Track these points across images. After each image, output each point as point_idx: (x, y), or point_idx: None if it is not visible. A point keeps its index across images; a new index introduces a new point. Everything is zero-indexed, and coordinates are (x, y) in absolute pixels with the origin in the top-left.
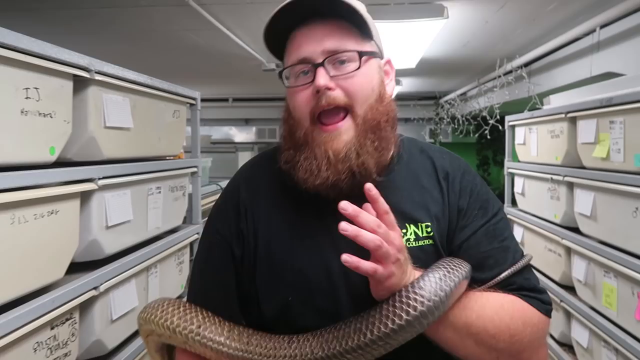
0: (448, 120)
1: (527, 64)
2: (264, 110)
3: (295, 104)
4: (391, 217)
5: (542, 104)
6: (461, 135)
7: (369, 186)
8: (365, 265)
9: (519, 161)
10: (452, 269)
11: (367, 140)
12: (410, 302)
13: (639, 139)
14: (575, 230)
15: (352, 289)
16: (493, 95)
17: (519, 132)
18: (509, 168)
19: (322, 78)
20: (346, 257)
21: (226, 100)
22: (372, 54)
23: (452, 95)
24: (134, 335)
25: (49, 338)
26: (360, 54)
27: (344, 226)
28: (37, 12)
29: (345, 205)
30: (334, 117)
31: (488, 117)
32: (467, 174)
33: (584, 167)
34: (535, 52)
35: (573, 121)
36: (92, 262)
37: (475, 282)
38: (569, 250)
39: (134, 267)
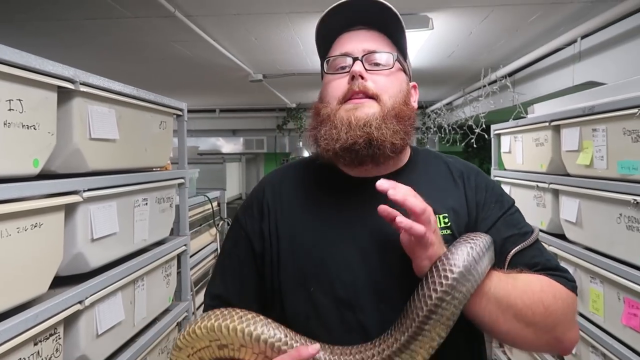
0: (435, 129)
1: (511, 74)
2: (251, 121)
3: (328, 89)
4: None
5: (526, 112)
6: (448, 144)
7: (380, 183)
8: (417, 226)
9: (505, 169)
10: (474, 237)
11: (389, 123)
12: (447, 267)
13: (621, 146)
14: (562, 236)
15: (373, 279)
16: (478, 104)
17: (505, 141)
18: (495, 176)
19: (358, 66)
20: (400, 218)
21: (213, 111)
22: (403, 66)
23: (438, 105)
24: (121, 349)
25: (32, 354)
26: (394, 57)
27: (391, 193)
28: (23, 24)
29: (381, 183)
30: (361, 97)
31: (474, 126)
32: (480, 174)
33: (568, 175)
34: (519, 62)
35: (557, 129)
36: (78, 276)
37: (501, 263)
38: (555, 257)
39: (119, 280)
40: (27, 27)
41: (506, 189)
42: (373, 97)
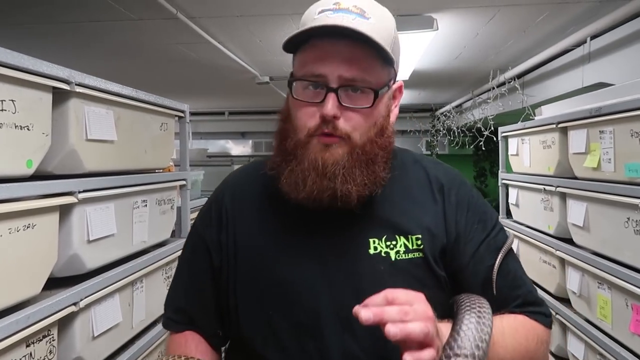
0: (444, 132)
1: (520, 76)
2: (260, 124)
3: (297, 115)
4: (400, 297)
5: (535, 115)
6: (457, 147)
7: (357, 313)
8: (426, 357)
9: (512, 172)
10: (480, 314)
11: (357, 170)
12: None
13: (628, 149)
14: (569, 241)
15: (337, 305)
16: (487, 106)
17: (512, 143)
18: (503, 179)
19: (332, 107)
20: (409, 358)
21: (222, 113)
22: (387, 87)
23: (447, 107)
24: (118, 351)
25: (24, 356)
26: (376, 94)
27: (392, 330)
28: (27, 27)
29: (366, 316)
30: (331, 136)
31: (482, 129)
32: (463, 185)
33: (576, 178)
34: (528, 63)
35: (564, 131)
36: (75, 277)
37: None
38: (563, 262)
39: (116, 282)
40: (31, 30)
41: (513, 192)
42: (344, 135)
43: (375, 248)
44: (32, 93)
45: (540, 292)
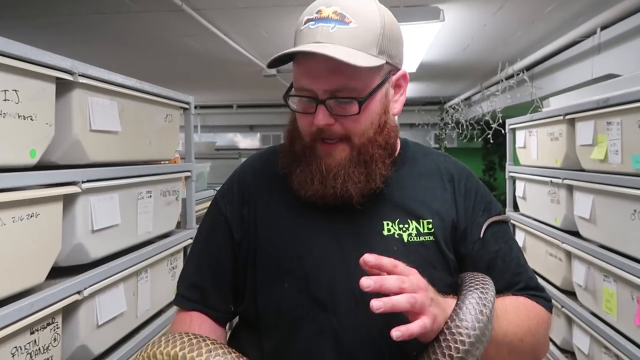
0: (452, 125)
1: (529, 68)
2: (268, 117)
3: (299, 121)
4: (400, 265)
5: (543, 107)
6: (466, 140)
7: (366, 258)
8: (415, 328)
9: (520, 165)
10: (484, 288)
11: (355, 170)
12: (463, 331)
13: (636, 140)
14: (576, 234)
15: (351, 280)
16: (496, 99)
17: (520, 136)
18: (510, 172)
19: (322, 117)
20: (397, 333)
21: (230, 106)
22: (377, 88)
23: (456, 100)
24: (123, 340)
25: (29, 343)
26: (360, 103)
27: (375, 304)
28: (33, 20)
29: (367, 282)
30: (332, 139)
31: (491, 122)
32: (471, 176)
33: (583, 170)
34: (536, 55)
35: (572, 123)
36: (79, 267)
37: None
38: (569, 255)
39: (121, 271)
40: (37, 23)
41: (520, 185)
42: (343, 137)
43: (389, 230)
44: (35, 83)
45: (546, 285)
